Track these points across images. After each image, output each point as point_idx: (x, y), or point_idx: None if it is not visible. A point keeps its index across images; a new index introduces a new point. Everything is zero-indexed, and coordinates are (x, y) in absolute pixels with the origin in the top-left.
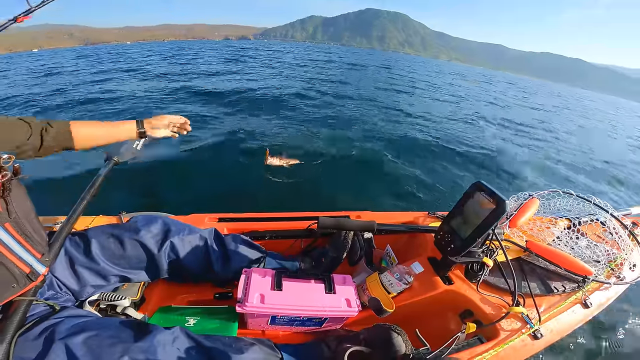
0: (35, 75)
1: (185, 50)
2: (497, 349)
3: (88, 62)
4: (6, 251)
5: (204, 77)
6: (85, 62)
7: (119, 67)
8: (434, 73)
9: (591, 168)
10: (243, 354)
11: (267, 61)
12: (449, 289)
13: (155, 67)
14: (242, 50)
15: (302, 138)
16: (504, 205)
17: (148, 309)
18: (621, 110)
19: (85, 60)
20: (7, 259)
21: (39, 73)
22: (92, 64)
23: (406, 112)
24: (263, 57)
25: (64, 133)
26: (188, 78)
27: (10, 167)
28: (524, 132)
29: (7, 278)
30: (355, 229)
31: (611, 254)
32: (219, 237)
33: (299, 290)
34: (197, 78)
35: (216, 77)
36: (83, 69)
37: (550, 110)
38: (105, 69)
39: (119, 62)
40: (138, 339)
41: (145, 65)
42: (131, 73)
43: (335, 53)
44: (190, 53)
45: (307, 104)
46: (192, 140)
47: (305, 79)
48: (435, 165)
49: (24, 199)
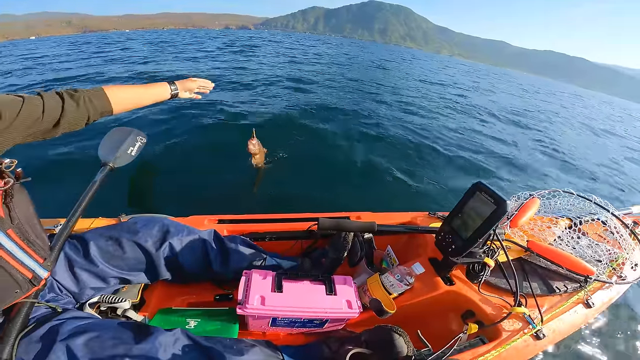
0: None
1: (192, 38)
2: (499, 349)
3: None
4: (9, 257)
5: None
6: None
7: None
8: (440, 69)
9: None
10: (244, 355)
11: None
12: (450, 290)
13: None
14: (250, 39)
15: (302, 136)
16: (504, 205)
17: (148, 311)
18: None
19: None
20: (10, 265)
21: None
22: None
23: (408, 110)
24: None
25: (100, 97)
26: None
27: (12, 172)
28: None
29: (10, 284)
30: (355, 230)
31: (613, 254)
32: (218, 238)
33: (300, 292)
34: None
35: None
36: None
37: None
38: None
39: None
40: (139, 341)
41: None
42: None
43: (348, 47)
44: (195, 41)
45: (311, 101)
46: (192, 139)
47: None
48: (435, 165)
49: (27, 204)
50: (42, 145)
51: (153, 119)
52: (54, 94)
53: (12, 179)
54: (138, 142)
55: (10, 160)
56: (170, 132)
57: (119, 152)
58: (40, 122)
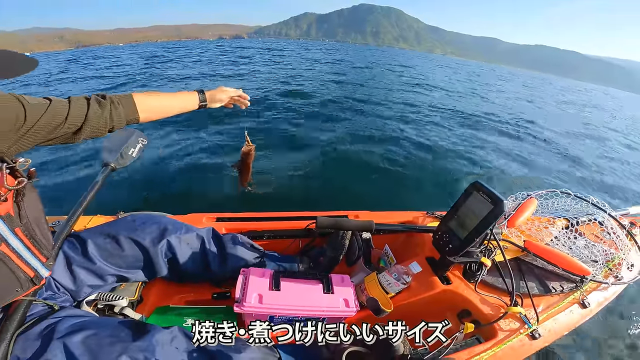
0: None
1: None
2: (495, 349)
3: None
4: (14, 256)
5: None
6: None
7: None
8: (437, 68)
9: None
10: (241, 353)
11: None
12: (447, 289)
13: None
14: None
15: (301, 136)
16: (502, 205)
17: (146, 309)
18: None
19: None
20: (14, 264)
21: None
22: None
23: (407, 108)
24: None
25: (128, 104)
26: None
27: (25, 171)
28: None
29: (12, 282)
30: (353, 229)
31: (609, 254)
32: (216, 236)
33: (297, 290)
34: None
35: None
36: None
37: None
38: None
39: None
40: (136, 339)
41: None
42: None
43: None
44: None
45: (310, 103)
46: (191, 139)
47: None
48: (434, 165)
49: (36, 204)
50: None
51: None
52: (82, 99)
53: (25, 179)
54: (139, 144)
55: (24, 160)
56: (170, 131)
57: (121, 152)
58: (62, 128)
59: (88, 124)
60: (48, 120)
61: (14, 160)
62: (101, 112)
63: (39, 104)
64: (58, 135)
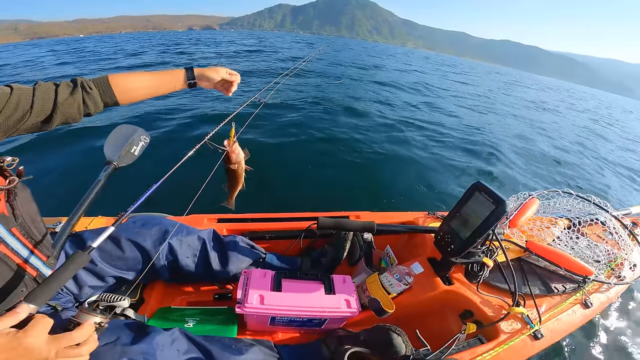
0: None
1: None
2: (498, 349)
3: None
4: (15, 256)
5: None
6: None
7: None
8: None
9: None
10: (243, 354)
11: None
12: (449, 290)
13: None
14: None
15: (301, 134)
16: (503, 205)
17: (147, 310)
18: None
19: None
20: (16, 264)
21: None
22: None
23: (405, 108)
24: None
25: (103, 87)
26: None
27: (14, 170)
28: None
29: (17, 283)
30: (354, 229)
31: (611, 254)
32: (217, 237)
33: (299, 291)
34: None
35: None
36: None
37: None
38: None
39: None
40: (137, 341)
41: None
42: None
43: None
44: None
45: (307, 102)
46: (191, 139)
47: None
48: (434, 164)
49: (30, 202)
50: (43, 142)
51: (155, 117)
52: (50, 85)
53: (15, 178)
54: (142, 142)
55: (12, 158)
56: (170, 130)
57: (123, 151)
58: (28, 119)
59: (58, 111)
60: (10, 112)
61: (1, 159)
62: (73, 99)
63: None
64: (27, 126)
